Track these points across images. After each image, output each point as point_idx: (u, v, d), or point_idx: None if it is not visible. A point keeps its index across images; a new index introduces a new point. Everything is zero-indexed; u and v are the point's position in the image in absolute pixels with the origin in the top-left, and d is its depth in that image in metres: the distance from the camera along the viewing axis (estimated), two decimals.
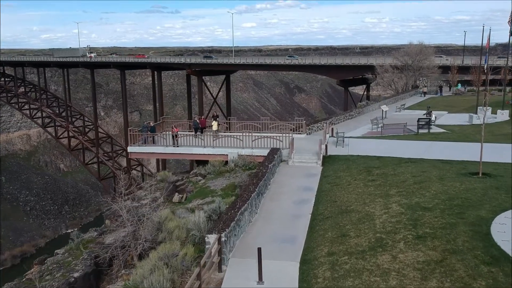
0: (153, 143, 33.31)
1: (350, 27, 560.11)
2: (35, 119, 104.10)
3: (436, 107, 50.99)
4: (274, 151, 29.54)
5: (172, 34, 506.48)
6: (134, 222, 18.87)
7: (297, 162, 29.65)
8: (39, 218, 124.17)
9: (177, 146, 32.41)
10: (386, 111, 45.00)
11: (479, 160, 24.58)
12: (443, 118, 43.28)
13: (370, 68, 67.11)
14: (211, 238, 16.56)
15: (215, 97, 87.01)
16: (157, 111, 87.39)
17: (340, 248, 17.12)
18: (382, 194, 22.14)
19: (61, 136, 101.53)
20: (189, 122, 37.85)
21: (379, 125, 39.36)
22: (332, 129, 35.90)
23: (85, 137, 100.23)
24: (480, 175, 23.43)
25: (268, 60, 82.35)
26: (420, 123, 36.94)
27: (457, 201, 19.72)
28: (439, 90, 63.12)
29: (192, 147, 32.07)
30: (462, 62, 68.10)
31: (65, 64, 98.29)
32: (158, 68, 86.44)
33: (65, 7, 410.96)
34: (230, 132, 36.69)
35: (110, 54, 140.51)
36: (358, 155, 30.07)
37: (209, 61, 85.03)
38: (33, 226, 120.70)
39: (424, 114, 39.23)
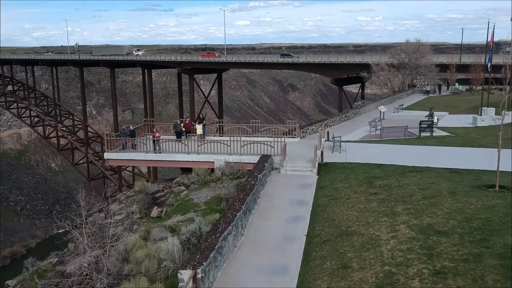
0: (134, 148, 29.95)
1: (343, 25, 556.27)
2: (23, 118, 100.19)
3: (436, 107, 47.87)
4: (264, 159, 26.32)
5: (166, 32, 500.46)
6: (97, 248, 15.54)
7: (290, 171, 26.43)
8: (30, 218, 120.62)
9: (159, 152, 29.08)
10: (384, 112, 41.87)
11: (490, 168, 21.58)
12: (445, 119, 40.20)
13: (366, 66, 63.95)
14: (185, 275, 13.32)
15: (207, 96, 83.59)
16: (148, 110, 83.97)
17: (341, 284, 13.94)
18: (387, 212, 18.99)
19: (50, 136, 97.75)
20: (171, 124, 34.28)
21: (378, 127, 36.23)
22: (328, 132, 32.69)
23: (74, 136, 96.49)
24: (497, 189, 20.31)
25: (260, 58, 78.98)
26: (422, 125, 33.82)
27: (477, 223, 16.58)
28: (437, 89, 60.17)
29: (175, 153, 28.70)
30: (460, 60, 65.17)
31: (53, 62, 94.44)
32: (148, 66, 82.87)
33: (58, 5, 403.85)
34: (220, 136, 33.36)
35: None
36: (357, 163, 26.87)
37: (281, 60, 77.20)
38: (23, 226, 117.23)
39: (426, 116, 36.09)
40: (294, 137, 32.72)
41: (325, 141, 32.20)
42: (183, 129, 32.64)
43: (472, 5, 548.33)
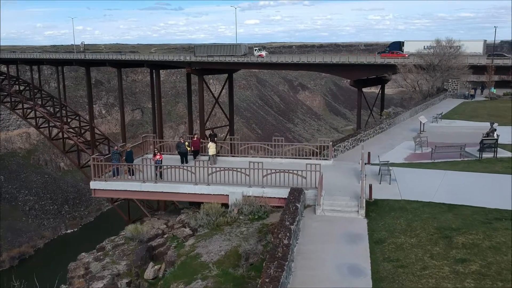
0: (132, 174, 22.89)
1: (353, 24, 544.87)
2: (28, 119, 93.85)
3: (477, 116, 40.48)
4: (295, 195, 19.22)
5: (176, 31, 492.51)
6: None
7: (328, 211, 19.28)
8: (38, 218, 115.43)
9: (161, 179, 22.03)
10: (424, 123, 34.50)
11: None
12: (499, 133, 32.60)
13: (390, 67, 56.46)
14: None
15: (217, 97, 76.41)
16: (156, 111, 77.30)
17: None
18: None
19: (55, 137, 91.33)
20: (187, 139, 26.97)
21: (423, 144, 28.95)
22: (369, 153, 25.38)
23: (81, 138, 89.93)
24: None
25: (274, 59, 71.48)
26: (483, 144, 26.46)
27: None
28: (473, 93, 52.66)
29: (179, 183, 21.64)
30: (492, 61, 57.40)
31: (58, 61, 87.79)
32: (156, 66, 75.88)
33: (69, 4, 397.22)
34: (232, 157, 26.22)
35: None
36: (418, 201, 19.63)
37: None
38: (32, 226, 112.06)
39: (486, 133, 28.45)
40: (326, 159, 25.51)
41: (365, 163, 24.96)
42: (189, 148, 25.59)
43: (484, 4, 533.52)
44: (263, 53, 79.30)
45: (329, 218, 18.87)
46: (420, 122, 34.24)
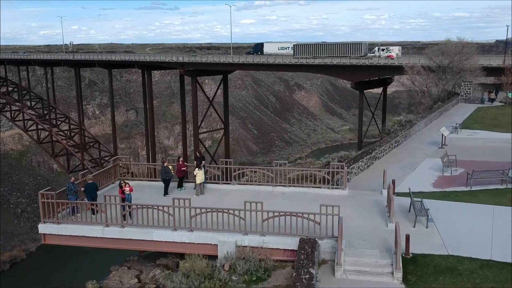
0: (93, 214, 17.26)
1: (349, 23, 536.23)
2: (16, 122, 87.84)
3: (501, 125, 35.06)
4: (307, 250, 13.71)
5: (171, 30, 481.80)
6: None
7: (352, 272, 13.76)
8: (31, 221, 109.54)
9: (130, 221, 16.44)
10: (445, 136, 29.02)
11: None
12: None
13: (396, 69, 51.05)
14: None
15: (211, 99, 70.74)
16: (148, 113, 71.70)
17: None
18: None
19: (44, 140, 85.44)
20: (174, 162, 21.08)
21: (452, 165, 23.52)
22: (394, 182, 19.73)
23: (70, 141, 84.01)
24: None
25: (271, 60, 65.72)
26: None
27: None
28: (494, 97, 47.34)
29: (153, 228, 16.05)
30: (504, 62, 52.01)
31: (46, 62, 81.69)
32: (147, 67, 70.04)
33: (64, 3, 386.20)
34: (224, 184, 20.58)
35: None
36: (472, 259, 14.11)
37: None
38: (24, 229, 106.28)
39: None
40: (340, 188, 19.91)
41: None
42: (173, 171, 20.00)
43: (479, 4, 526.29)
44: (393, 53, 64.74)
45: (354, 283, 13.35)
46: (442, 135, 28.76)
